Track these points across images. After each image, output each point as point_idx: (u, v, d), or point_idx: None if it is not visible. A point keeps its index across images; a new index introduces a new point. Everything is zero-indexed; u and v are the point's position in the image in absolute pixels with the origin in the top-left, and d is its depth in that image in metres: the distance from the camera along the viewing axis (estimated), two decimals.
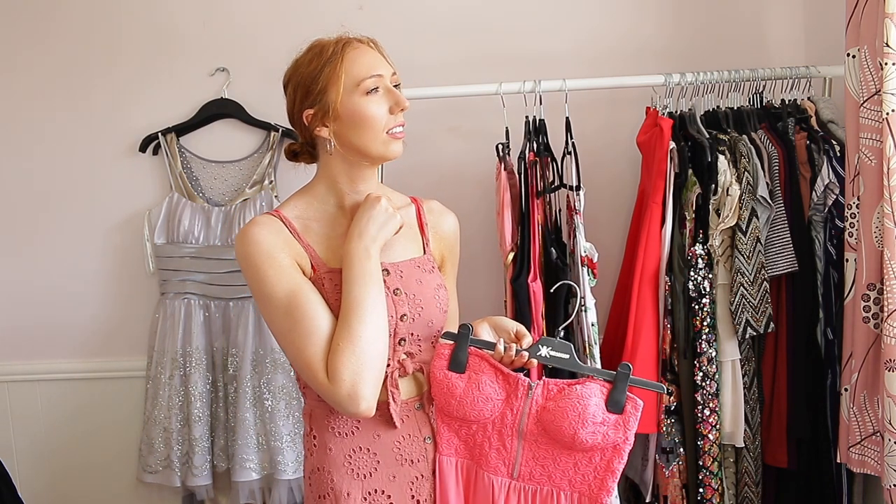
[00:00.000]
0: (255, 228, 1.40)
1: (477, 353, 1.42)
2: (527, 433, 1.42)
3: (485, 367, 1.42)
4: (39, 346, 2.46)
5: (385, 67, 1.44)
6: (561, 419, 1.38)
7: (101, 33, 2.36)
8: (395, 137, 1.42)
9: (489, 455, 1.43)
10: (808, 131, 2.03)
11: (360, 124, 1.41)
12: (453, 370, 1.41)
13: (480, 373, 1.41)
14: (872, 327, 1.79)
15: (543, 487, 1.42)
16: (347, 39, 1.44)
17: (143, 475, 2.32)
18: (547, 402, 1.41)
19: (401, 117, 1.43)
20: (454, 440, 1.45)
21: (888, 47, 1.68)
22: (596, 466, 1.41)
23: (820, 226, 1.99)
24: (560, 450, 1.41)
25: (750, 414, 1.98)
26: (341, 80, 1.41)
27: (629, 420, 1.38)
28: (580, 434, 1.37)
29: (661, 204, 1.97)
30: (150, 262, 2.36)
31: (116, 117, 2.37)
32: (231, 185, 2.36)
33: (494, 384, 1.41)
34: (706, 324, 1.93)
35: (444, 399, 1.42)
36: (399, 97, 1.43)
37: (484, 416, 1.41)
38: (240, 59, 2.35)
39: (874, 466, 1.82)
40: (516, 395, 1.42)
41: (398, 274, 1.44)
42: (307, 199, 1.48)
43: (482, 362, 1.42)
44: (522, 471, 1.43)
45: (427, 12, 2.31)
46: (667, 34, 2.31)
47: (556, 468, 1.42)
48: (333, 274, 1.40)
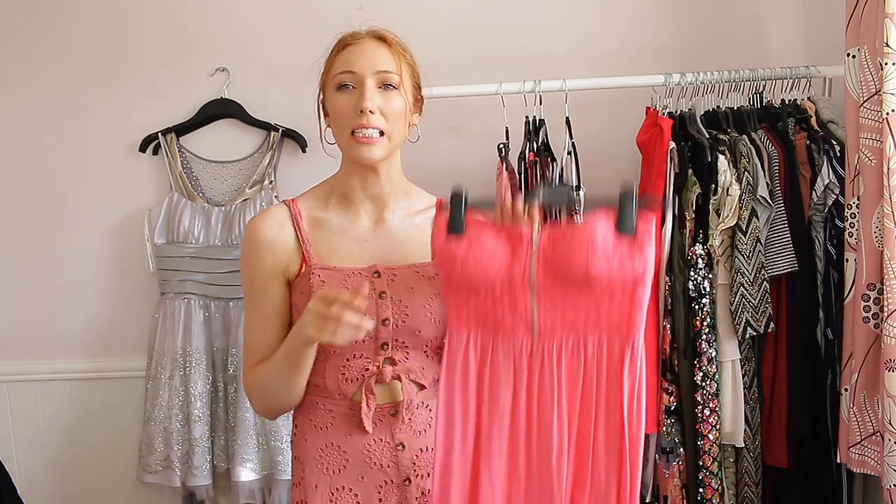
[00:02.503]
0: (259, 221, 1.46)
1: (475, 216, 1.33)
2: (539, 284, 1.30)
3: (485, 226, 1.32)
4: (39, 346, 2.46)
5: (365, 63, 1.40)
6: (569, 255, 1.27)
7: (102, 34, 2.36)
8: (358, 140, 1.38)
9: (504, 319, 1.31)
10: (808, 131, 2.03)
11: (333, 121, 1.43)
12: (453, 234, 1.31)
13: (481, 232, 1.32)
14: (872, 327, 1.79)
15: (568, 339, 1.30)
16: (353, 33, 1.44)
17: (143, 475, 2.32)
18: (555, 242, 1.30)
19: (367, 119, 1.37)
20: (463, 312, 1.34)
21: (888, 47, 1.68)
22: (620, 302, 1.28)
23: (820, 226, 1.99)
24: (577, 292, 1.29)
25: (750, 414, 1.98)
26: (329, 73, 1.43)
27: (644, 241, 1.26)
28: (594, 266, 1.26)
29: (661, 204, 1.97)
30: (150, 262, 2.36)
31: (116, 117, 2.38)
32: (231, 185, 2.36)
33: (497, 240, 1.31)
34: (706, 324, 1.93)
35: (448, 266, 1.32)
36: (360, 97, 1.38)
37: (490, 275, 1.31)
38: (240, 59, 2.35)
39: (874, 466, 1.81)
40: (521, 246, 1.30)
41: (389, 277, 1.43)
42: (325, 192, 1.49)
43: (482, 223, 1.33)
44: (543, 326, 1.31)
45: (427, 12, 2.31)
46: (667, 34, 2.31)
47: (577, 313, 1.30)
48: (325, 271, 1.41)
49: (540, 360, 1.31)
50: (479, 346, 1.33)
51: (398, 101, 1.41)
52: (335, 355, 1.41)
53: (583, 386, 1.30)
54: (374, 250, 1.45)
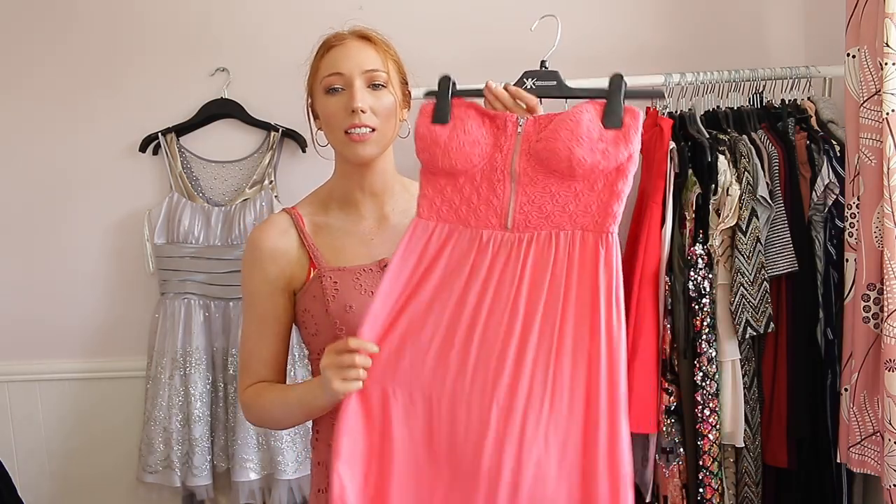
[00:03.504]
0: (262, 231, 1.46)
1: (461, 102, 1.31)
2: (520, 174, 1.27)
3: (470, 112, 1.30)
4: (39, 346, 2.47)
5: (352, 64, 1.40)
6: (554, 141, 1.24)
7: (101, 34, 2.36)
8: (352, 139, 1.39)
9: (478, 208, 1.28)
10: (808, 131, 2.03)
11: (325, 123, 1.44)
12: (437, 122, 1.29)
13: (466, 118, 1.29)
14: (872, 327, 1.79)
15: (541, 232, 1.26)
16: (336, 34, 1.44)
17: (143, 475, 2.32)
18: (539, 131, 1.27)
19: (359, 119, 1.38)
20: (437, 201, 1.31)
21: (888, 47, 1.68)
22: (599, 193, 1.25)
23: (820, 226, 1.99)
24: (558, 182, 1.26)
25: (750, 414, 1.98)
26: (316, 76, 1.43)
27: (629, 133, 1.23)
28: (576, 152, 1.23)
29: (661, 204, 1.96)
30: (150, 262, 2.36)
31: (116, 117, 2.38)
32: (231, 185, 2.36)
33: (481, 127, 1.29)
34: (706, 324, 1.93)
35: (430, 152, 1.29)
36: (350, 98, 1.38)
37: (472, 161, 1.29)
38: (240, 59, 2.35)
39: (874, 466, 1.81)
40: (504, 134, 1.28)
41: None
42: (324, 196, 1.50)
43: (468, 109, 1.30)
44: (517, 219, 1.27)
45: (427, 12, 2.31)
46: (667, 34, 2.31)
47: (554, 205, 1.26)
48: (336, 272, 1.41)
49: (507, 252, 1.27)
50: (444, 234, 1.30)
51: (387, 98, 1.42)
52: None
53: (550, 282, 1.24)
54: (379, 247, 1.45)
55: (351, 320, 1.39)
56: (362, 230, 1.47)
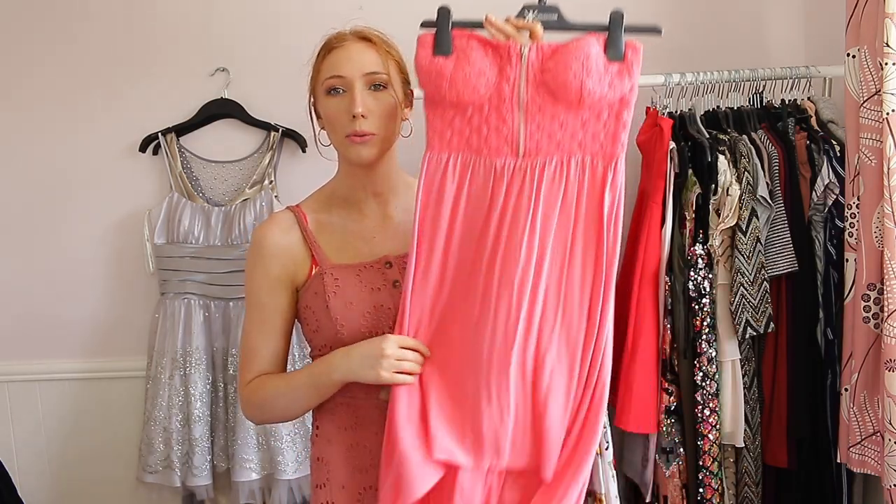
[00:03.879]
0: (266, 228, 1.46)
1: (462, 33, 1.32)
2: (528, 102, 1.32)
3: (473, 43, 1.32)
4: (39, 346, 2.46)
5: (353, 67, 1.40)
6: (565, 72, 1.29)
7: (101, 33, 2.36)
8: (353, 141, 1.39)
9: (489, 138, 1.32)
10: (808, 131, 2.03)
11: (327, 124, 1.45)
12: (440, 54, 1.31)
13: (468, 49, 1.31)
14: (872, 327, 1.79)
15: (552, 159, 1.32)
16: (337, 35, 1.45)
17: (143, 475, 2.32)
18: (545, 63, 1.31)
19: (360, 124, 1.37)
20: (446, 133, 1.34)
21: (888, 47, 1.68)
22: (605, 122, 1.32)
23: (820, 226, 1.99)
24: (566, 111, 1.31)
25: (750, 414, 1.98)
26: (318, 78, 1.44)
27: (632, 66, 1.32)
28: (587, 84, 1.29)
29: (661, 204, 1.96)
30: (150, 262, 2.36)
31: (116, 117, 2.37)
32: (231, 185, 2.36)
33: (485, 58, 1.31)
34: (706, 324, 1.93)
35: (435, 84, 1.31)
36: (350, 102, 1.38)
37: (479, 92, 1.31)
38: (240, 59, 2.35)
39: (874, 466, 1.81)
40: (510, 63, 1.31)
41: (401, 266, 1.44)
42: (327, 194, 1.51)
43: (469, 40, 1.32)
44: (528, 145, 1.32)
45: (427, 13, 2.30)
46: (666, 34, 2.30)
47: (564, 132, 1.32)
48: (337, 269, 1.42)
49: (521, 178, 1.32)
50: (458, 167, 1.33)
51: (388, 99, 1.42)
52: None
53: (562, 205, 1.32)
54: (382, 245, 1.46)
55: (352, 316, 1.40)
56: (365, 228, 1.47)
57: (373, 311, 1.41)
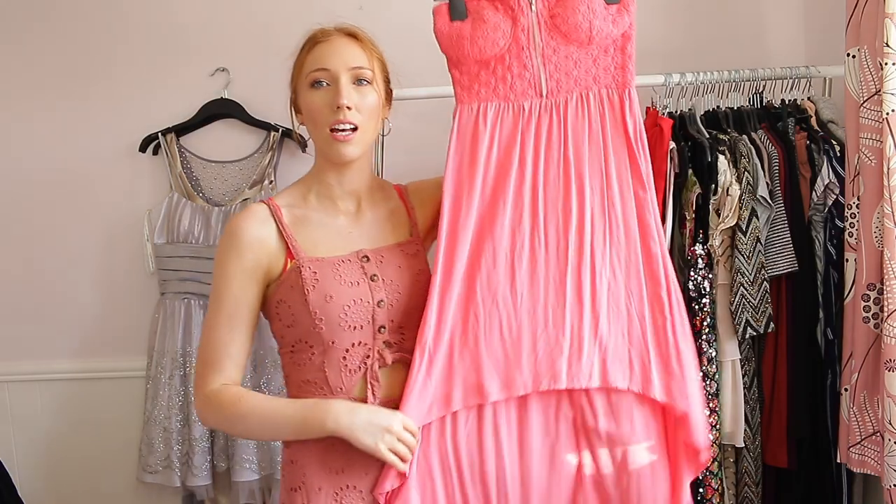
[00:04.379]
0: (242, 219, 1.45)
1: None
2: (543, 46, 1.47)
3: (482, 3, 1.46)
4: (39, 346, 2.46)
5: (338, 60, 1.41)
6: (574, 14, 1.45)
7: (102, 33, 2.36)
8: (336, 139, 1.40)
9: (514, 85, 1.47)
10: (808, 131, 2.03)
11: (308, 119, 1.46)
12: (456, 19, 1.46)
13: (480, 9, 1.46)
14: (872, 327, 1.79)
15: (573, 94, 1.47)
16: (322, 30, 1.46)
17: (143, 475, 2.32)
18: (552, 8, 1.46)
19: (344, 115, 1.38)
20: (474, 86, 1.47)
21: (888, 47, 1.68)
22: (612, 56, 1.49)
23: (820, 226, 1.99)
24: (578, 49, 1.47)
25: (750, 414, 1.98)
26: (301, 71, 1.44)
27: (628, 5, 1.49)
28: (595, 23, 1.45)
29: (661, 204, 1.96)
30: (150, 262, 2.36)
31: (116, 117, 2.38)
32: (231, 185, 2.36)
33: (497, 12, 1.46)
34: (706, 324, 1.93)
35: (457, 45, 1.45)
36: (336, 94, 1.39)
37: (499, 45, 1.45)
38: (240, 59, 2.34)
39: (874, 466, 1.81)
40: (522, 13, 1.46)
41: (378, 260, 1.45)
42: (303, 189, 1.51)
43: (479, 1, 1.47)
44: (549, 85, 1.47)
45: (427, 12, 2.29)
46: (667, 34, 2.31)
47: (579, 69, 1.47)
48: (315, 262, 1.42)
49: (549, 116, 1.46)
50: (490, 113, 1.46)
51: (372, 95, 1.43)
52: (333, 347, 1.41)
53: (589, 134, 1.46)
54: (357, 240, 1.47)
55: (331, 311, 1.39)
56: (339, 224, 1.48)
57: (352, 305, 1.40)
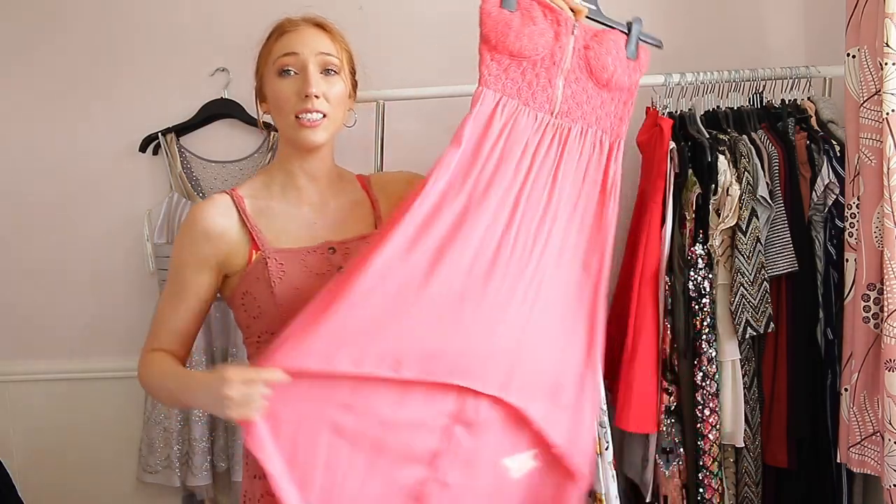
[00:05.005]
0: (203, 208, 1.45)
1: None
2: (569, 71, 1.52)
3: (534, 4, 1.49)
4: (39, 346, 2.46)
5: (306, 48, 1.41)
6: (606, 56, 1.54)
7: (101, 33, 2.36)
8: (302, 125, 1.40)
9: (536, 93, 1.50)
10: (808, 131, 2.03)
11: (274, 105, 1.45)
12: (506, 7, 1.47)
13: (531, 9, 1.49)
14: (872, 327, 1.79)
15: (575, 125, 1.53)
16: (290, 20, 1.47)
17: (143, 475, 2.32)
18: (587, 41, 1.53)
19: (312, 103, 1.39)
20: (502, 76, 1.48)
21: (888, 47, 1.68)
22: (617, 105, 1.58)
23: (820, 226, 1.99)
24: (593, 88, 1.54)
25: (750, 414, 1.98)
26: (267, 59, 1.44)
27: (642, 66, 1.60)
28: (618, 71, 1.55)
29: (661, 204, 1.97)
30: (150, 262, 2.35)
31: (116, 117, 2.37)
32: (231, 186, 2.35)
33: (545, 20, 1.49)
34: (706, 324, 1.93)
35: (501, 32, 1.46)
36: (304, 82, 1.39)
37: (538, 50, 1.48)
38: (240, 59, 2.32)
39: (874, 466, 1.81)
40: (564, 31, 1.51)
41: (344, 251, 1.45)
42: (265, 179, 1.51)
43: (531, 1, 1.49)
44: (562, 108, 1.52)
45: (427, 12, 2.31)
46: (667, 34, 2.29)
47: (589, 105, 1.54)
48: (280, 253, 1.42)
49: (552, 135, 1.51)
50: (507, 109, 1.48)
51: (339, 85, 1.44)
52: None
53: (577, 165, 1.53)
54: (322, 231, 1.46)
55: (299, 303, 1.38)
56: (303, 214, 1.48)
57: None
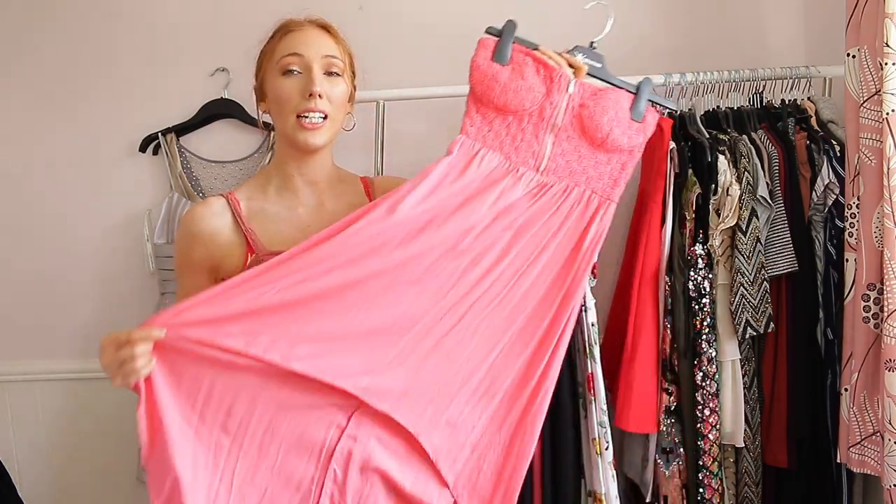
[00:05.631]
0: (195, 212, 1.47)
1: (520, 48, 1.47)
2: (560, 129, 1.47)
3: (528, 60, 1.46)
4: (39, 346, 2.46)
5: (311, 48, 1.41)
6: (602, 115, 1.48)
7: (102, 33, 2.36)
8: (303, 126, 1.40)
9: (520, 147, 1.46)
10: (808, 131, 2.03)
11: (275, 104, 1.45)
12: (497, 61, 1.45)
13: (524, 64, 1.46)
14: (872, 327, 1.79)
15: (561, 182, 1.49)
16: (294, 20, 1.47)
17: (143, 475, 2.32)
18: (584, 99, 1.49)
19: (315, 103, 1.39)
20: (484, 128, 1.46)
21: (888, 47, 1.68)
22: (613, 167, 1.51)
23: (820, 226, 1.99)
24: (587, 148, 1.49)
25: (750, 414, 1.98)
26: (271, 58, 1.44)
27: (647, 128, 1.54)
28: (615, 132, 1.48)
29: (661, 204, 1.96)
30: (150, 262, 2.35)
31: (116, 117, 2.38)
32: (231, 186, 2.36)
33: (537, 76, 1.46)
34: (706, 324, 1.93)
35: (488, 86, 1.45)
36: (308, 81, 1.39)
37: (524, 105, 1.45)
38: (240, 59, 2.32)
39: (874, 466, 1.81)
40: (557, 88, 1.47)
41: None
42: (262, 182, 1.51)
43: (526, 56, 1.46)
44: (549, 165, 1.48)
45: (427, 12, 2.31)
46: (666, 34, 2.31)
47: (578, 165, 1.49)
48: (273, 255, 1.42)
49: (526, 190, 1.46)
50: (486, 160, 1.45)
51: (342, 87, 1.44)
52: None
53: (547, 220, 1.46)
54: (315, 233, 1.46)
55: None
56: (299, 216, 1.48)
57: None
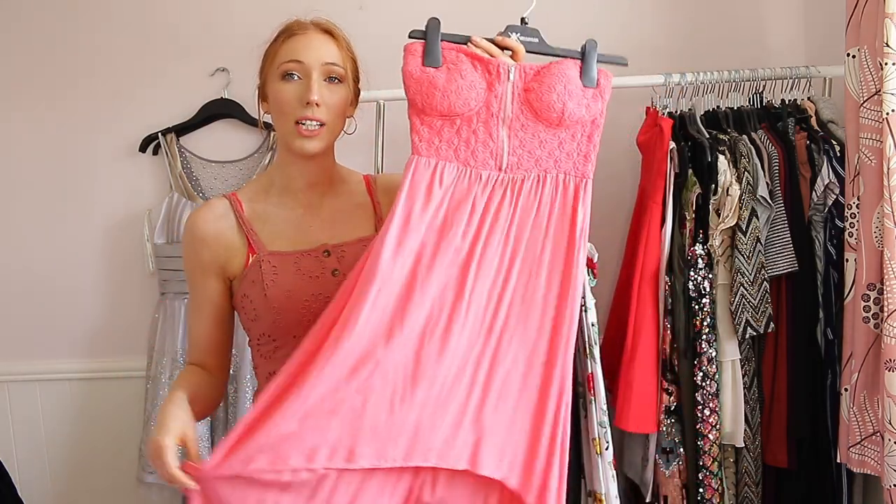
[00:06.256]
0: (197, 215, 1.46)
1: (451, 46, 1.39)
2: (512, 119, 1.39)
3: (461, 57, 1.38)
4: (39, 346, 2.47)
5: (312, 55, 1.40)
6: (549, 94, 1.37)
7: (102, 33, 2.36)
8: (301, 133, 1.39)
9: (476, 151, 1.38)
10: (808, 131, 2.03)
11: (275, 108, 1.45)
12: (430, 65, 1.37)
13: (458, 62, 1.37)
14: (872, 327, 1.79)
15: (531, 174, 1.40)
16: (299, 23, 1.46)
17: (143, 475, 2.32)
18: (528, 83, 1.39)
19: (312, 111, 1.38)
20: (434, 140, 1.37)
21: (888, 47, 1.68)
22: (578, 142, 1.41)
23: (820, 226, 1.99)
24: (545, 130, 1.39)
25: (750, 414, 1.98)
26: (273, 61, 1.44)
27: (604, 92, 1.42)
28: (569, 106, 1.38)
29: (661, 204, 1.97)
30: (150, 262, 2.36)
31: (116, 117, 2.38)
32: (231, 185, 2.36)
33: (475, 72, 1.37)
34: (706, 324, 1.93)
35: (426, 94, 1.36)
36: (306, 89, 1.38)
37: (470, 105, 1.36)
38: (240, 59, 2.33)
39: (874, 466, 1.81)
40: (498, 80, 1.38)
41: (339, 254, 1.45)
42: (265, 182, 1.52)
43: (458, 53, 1.38)
44: (510, 161, 1.39)
45: (427, 12, 2.29)
46: (666, 34, 2.31)
47: (542, 150, 1.40)
48: (274, 256, 1.43)
49: (502, 192, 1.38)
50: (447, 175, 1.36)
51: (341, 93, 1.43)
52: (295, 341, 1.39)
53: (535, 219, 1.38)
54: (317, 233, 1.47)
55: (291, 305, 1.40)
56: (301, 217, 1.48)
57: (311, 299, 1.41)
